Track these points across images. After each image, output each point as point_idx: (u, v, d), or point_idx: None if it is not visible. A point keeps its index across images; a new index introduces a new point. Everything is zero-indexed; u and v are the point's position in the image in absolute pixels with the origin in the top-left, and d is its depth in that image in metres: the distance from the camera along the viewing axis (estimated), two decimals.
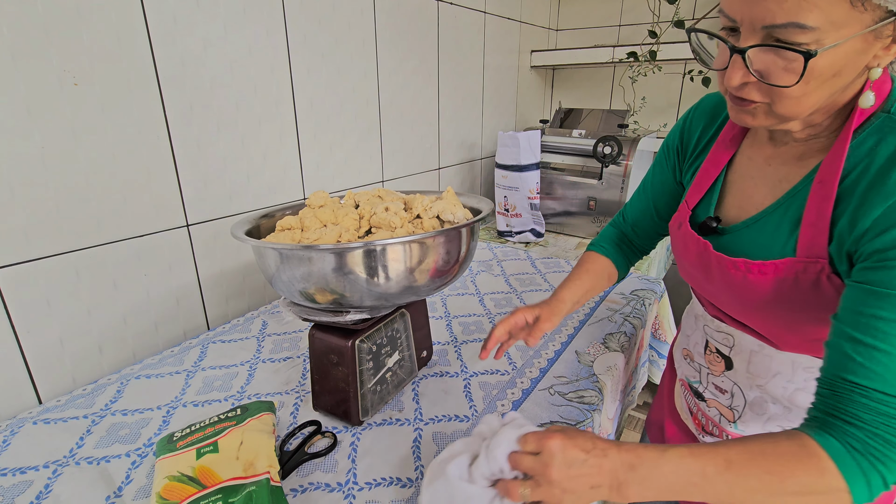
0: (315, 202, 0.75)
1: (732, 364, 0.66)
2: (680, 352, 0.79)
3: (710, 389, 0.71)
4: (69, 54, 0.74)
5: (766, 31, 0.44)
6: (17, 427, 0.70)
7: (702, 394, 0.73)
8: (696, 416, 0.76)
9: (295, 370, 0.85)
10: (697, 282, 0.67)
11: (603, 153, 1.49)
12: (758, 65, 0.46)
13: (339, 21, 1.16)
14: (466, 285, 1.21)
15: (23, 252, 0.74)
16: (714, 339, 0.68)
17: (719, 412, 0.70)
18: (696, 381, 0.74)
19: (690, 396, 0.76)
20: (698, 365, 0.73)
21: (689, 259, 0.66)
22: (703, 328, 0.70)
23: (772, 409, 0.64)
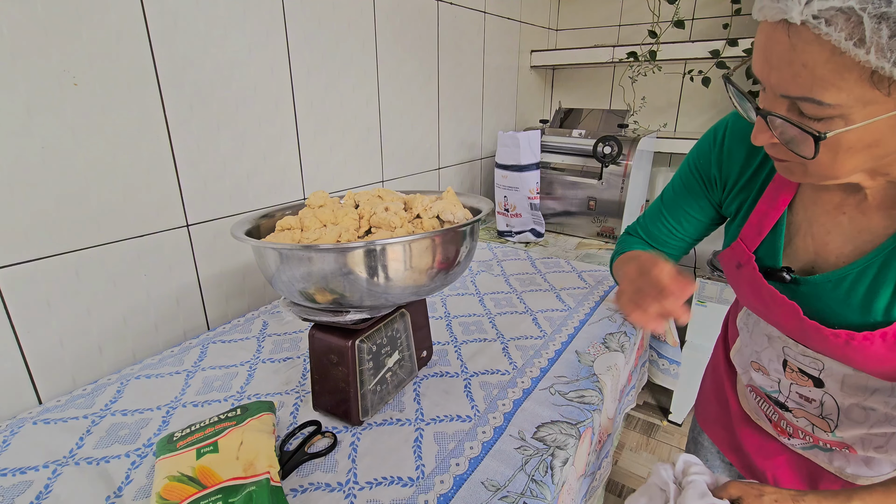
0: (315, 202, 0.74)
1: (823, 384, 0.61)
2: (745, 362, 0.74)
3: (794, 399, 0.66)
4: (69, 54, 0.74)
5: (787, 101, 0.41)
6: (16, 427, 0.70)
7: (784, 404, 0.67)
8: (777, 423, 0.71)
9: (295, 370, 0.85)
10: (771, 320, 0.63)
11: (603, 153, 1.49)
12: (779, 130, 0.44)
13: (339, 21, 1.16)
14: (466, 285, 1.21)
15: (23, 252, 0.74)
16: (797, 360, 0.63)
17: (810, 423, 0.65)
18: (774, 391, 0.68)
19: (768, 404, 0.71)
20: (776, 378, 0.67)
21: (758, 300, 0.62)
22: (783, 349, 0.65)
23: (872, 415, 0.59)
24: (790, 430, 0.69)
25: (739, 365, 0.77)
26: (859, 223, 0.53)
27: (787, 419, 0.69)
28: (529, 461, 0.64)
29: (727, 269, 0.67)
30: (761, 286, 0.59)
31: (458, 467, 0.63)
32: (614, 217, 1.55)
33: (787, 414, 0.68)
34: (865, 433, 0.61)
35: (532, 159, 1.50)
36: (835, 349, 0.55)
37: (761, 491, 0.52)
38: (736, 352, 0.79)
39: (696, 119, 2.05)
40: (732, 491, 0.54)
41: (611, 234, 1.58)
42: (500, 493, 0.59)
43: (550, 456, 0.65)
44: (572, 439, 0.69)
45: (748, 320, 0.73)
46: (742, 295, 0.66)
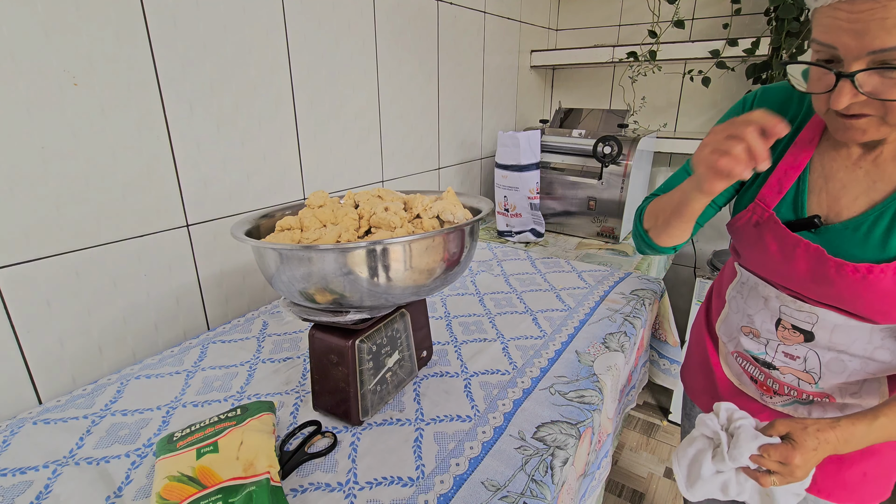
0: (314, 202, 0.74)
1: (814, 337, 0.69)
2: (735, 329, 0.80)
3: (780, 358, 0.74)
4: (69, 54, 0.74)
5: (871, 56, 0.48)
6: (16, 427, 0.70)
7: (771, 363, 0.75)
8: (762, 383, 0.78)
9: (295, 370, 0.85)
10: (780, 274, 0.69)
11: (603, 153, 1.49)
12: (867, 87, 0.49)
13: (339, 21, 1.16)
14: (466, 285, 1.21)
15: (23, 252, 0.74)
16: (793, 317, 0.70)
17: (796, 377, 0.73)
18: (761, 352, 0.76)
19: (753, 366, 0.79)
20: (765, 340, 0.75)
21: (770, 255, 0.68)
22: (779, 308, 0.72)
23: (850, 365, 0.68)
24: (776, 386, 0.76)
25: (725, 334, 0.84)
26: (874, 175, 0.60)
27: (774, 377, 0.76)
28: (529, 461, 0.64)
29: (741, 232, 0.72)
30: (785, 237, 0.65)
31: (458, 467, 0.63)
32: (614, 217, 1.55)
33: (774, 372, 0.75)
34: (843, 382, 0.69)
35: (532, 159, 1.50)
36: (849, 286, 0.61)
37: (804, 424, 0.60)
38: (722, 322, 0.85)
39: (696, 119, 2.05)
40: (780, 428, 0.61)
41: (611, 234, 1.58)
42: (500, 493, 0.59)
43: (550, 456, 0.65)
44: (572, 439, 0.69)
45: (742, 288, 0.79)
46: (755, 255, 0.72)
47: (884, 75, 0.48)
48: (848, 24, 0.48)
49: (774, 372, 0.75)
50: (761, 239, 0.69)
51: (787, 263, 0.67)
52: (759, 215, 0.69)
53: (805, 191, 0.66)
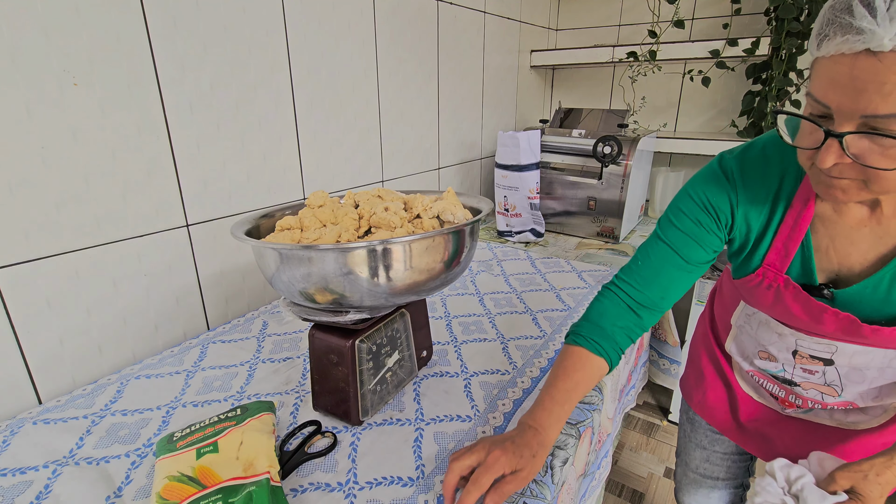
0: (314, 202, 0.74)
1: (833, 363, 0.69)
2: (750, 353, 0.80)
3: (799, 374, 0.73)
4: (69, 54, 0.74)
5: (863, 120, 0.46)
6: (16, 427, 0.70)
7: (791, 380, 0.75)
8: (784, 399, 0.78)
9: (295, 370, 0.85)
10: (806, 328, 0.68)
11: (603, 153, 1.49)
12: (854, 149, 0.48)
13: (339, 21, 1.16)
14: (466, 285, 1.21)
15: (23, 252, 0.74)
16: (810, 349, 0.70)
17: (819, 392, 0.73)
18: (779, 370, 0.76)
19: (772, 384, 0.79)
20: (783, 363, 0.75)
21: (792, 316, 0.68)
22: (795, 342, 0.71)
23: (868, 374, 0.68)
24: (799, 402, 0.76)
25: (738, 354, 0.83)
26: (878, 232, 0.60)
27: (797, 392, 0.75)
28: None
29: (755, 292, 0.70)
30: (809, 302, 0.64)
31: None
32: (614, 217, 1.55)
33: (796, 388, 0.75)
34: (865, 389, 0.70)
35: (532, 159, 1.50)
36: (883, 341, 0.61)
37: (863, 472, 0.59)
38: (733, 344, 0.84)
39: (695, 119, 2.05)
40: (843, 483, 0.60)
41: (611, 233, 1.58)
42: None
43: (550, 456, 0.65)
44: (572, 439, 0.69)
45: (750, 320, 0.77)
46: (775, 311, 0.71)
47: (872, 140, 0.47)
48: (846, 81, 0.46)
49: (796, 388, 0.75)
50: (781, 301, 0.67)
51: (815, 323, 0.66)
52: (771, 280, 0.67)
53: (811, 253, 0.64)
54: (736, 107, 1.90)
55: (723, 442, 0.93)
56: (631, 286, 0.73)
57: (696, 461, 0.98)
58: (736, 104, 1.90)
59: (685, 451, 1.00)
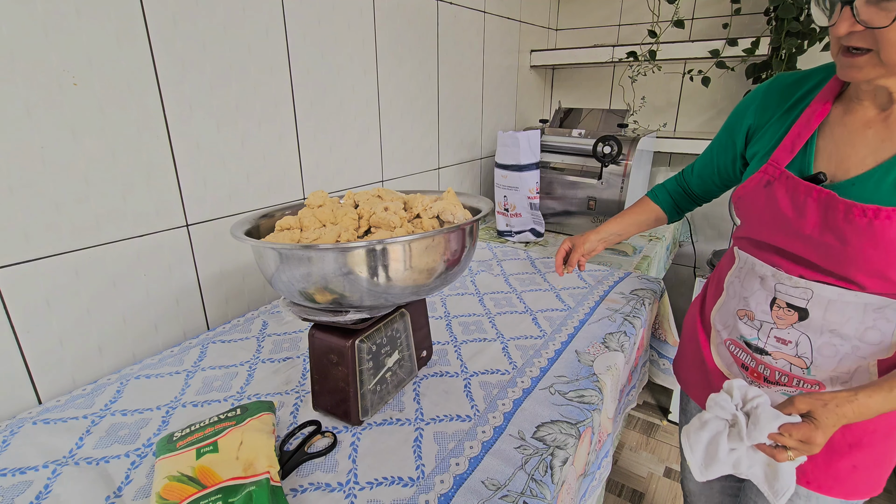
0: (314, 202, 0.74)
1: (808, 314, 0.71)
2: (731, 315, 0.83)
3: (772, 343, 0.76)
4: (69, 54, 0.74)
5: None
6: (16, 427, 0.70)
7: (763, 348, 0.77)
8: (754, 370, 0.79)
9: (295, 370, 0.85)
10: (787, 237, 0.72)
11: (602, 153, 1.49)
12: (863, 15, 0.56)
13: (339, 21, 1.16)
14: (466, 285, 1.21)
15: (22, 252, 0.74)
16: (789, 294, 0.73)
17: (788, 363, 0.75)
18: (754, 337, 0.78)
19: (745, 353, 0.80)
20: (759, 322, 0.77)
21: (778, 216, 0.71)
22: (775, 287, 0.74)
23: (841, 349, 0.70)
24: (767, 372, 0.77)
25: (720, 321, 0.87)
26: (883, 135, 0.65)
27: (766, 362, 0.77)
28: (529, 461, 0.64)
29: (749, 197, 0.76)
30: (797, 188, 0.69)
31: (458, 467, 0.63)
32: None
33: (766, 357, 0.77)
34: (834, 370, 0.71)
35: (532, 159, 1.50)
36: (856, 233, 0.63)
37: (823, 400, 0.62)
38: (718, 309, 0.88)
39: (695, 119, 2.05)
40: (801, 406, 0.63)
41: None
42: (500, 493, 0.59)
43: (550, 455, 0.65)
44: (572, 439, 0.69)
45: (739, 273, 0.83)
46: (763, 217, 0.75)
47: (879, 6, 0.55)
48: None
49: (766, 357, 0.77)
50: (771, 198, 0.72)
51: (798, 219, 0.69)
52: (770, 174, 0.73)
53: (812, 151, 0.70)
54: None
55: None
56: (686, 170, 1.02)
57: None
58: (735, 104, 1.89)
59: None
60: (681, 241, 2.01)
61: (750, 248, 0.80)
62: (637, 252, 1.49)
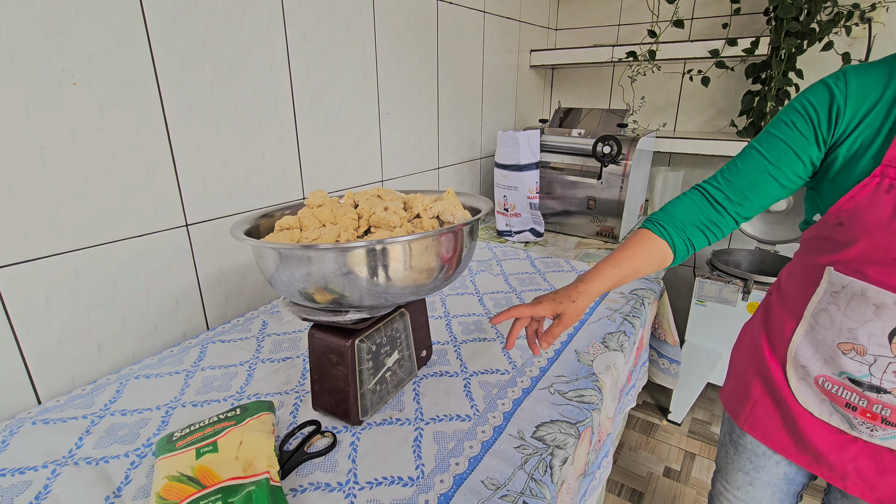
0: (313, 202, 0.74)
1: None
2: (829, 348, 0.70)
3: (890, 378, 0.65)
4: (68, 54, 0.74)
5: None
6: (16, 427, 0.70)
7: (879, 386, 0.66)
8: (866, 410, 0.68)
9: (294, 370, 0.85)
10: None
11: (602, 153, 1.49)
12: None
13: (339, 21, 1.16)
14: (466, 285, 1.21)
15: (22, 252, 0.74)
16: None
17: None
18: (865, 374, 0.67)
19: (850, 392, 0.69)
20: (873, 357, 0.66)
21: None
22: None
23: None
24: (887, 413, 0.66)
25: (809, 356, 0.73)
26: None
27: (885, 402, 0.66)
28: (529, 460, 0.64)
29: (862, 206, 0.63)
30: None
31: (457, 467, 0.63)
32: (614, 217, 1.55)
33: (885, 396, 0.66)
34: None
35: (531, 159, 1.50)
36: None
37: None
38: (802, 340, 0.74)
39: (695, 119, 2.05)
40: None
41: (610, 233, 1.58)
42: (500, 492, 0.59)
43: (550, 455, 0.65)
44: (571, 439, 0.69)
45: (837, 298, 0.68)
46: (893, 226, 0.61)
47: None
48: None
49: (885, 396, 0.65)
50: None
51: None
52: (892, 178, 0.60)
53: None
54: (735, 106, 1.90)
55: (768, 470, 0.84)
56: (714, 184, 0.74)
57: (737, 482, 0.88)
58: (735, 104, 1.90)
59: (726, 470, 0.91)
60: None
61: (858, 269, 0.65)
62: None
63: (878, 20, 1.57)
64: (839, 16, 1.55)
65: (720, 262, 1.80)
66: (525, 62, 2.09)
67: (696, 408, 2.02)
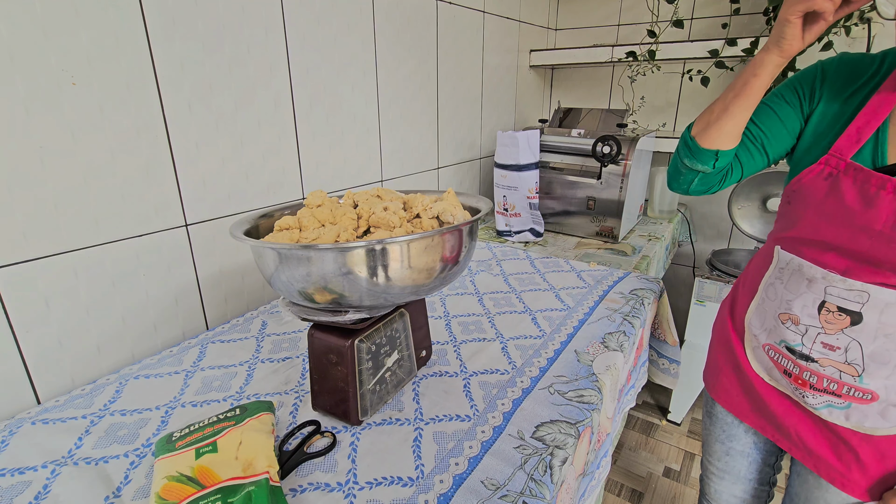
0: (313, 202, 0.74)
1: (862, 318, 0.66)
2: (771, 318, 0.77)
3: (818, 349, 0.71)
4: (67, 54, 0.74)
5: None
6: (15, 427, 0.70)
7: (808, 355, 0.72)
8: (798, 376, 0.75)
9: (294, 370, 0.85)
10: (851, 233, 0.66)
11: (602, 153, 1.49)
12: None
13: (338, 21, 1.16)
14: (465, 285, 1.21)
15: (21, 252, 0.74)
16: (842, 297, 0.67)
17: (838, 370, 0.70)
18: (798, 343, 0.73)
19: (787, 359, 0.76)
20: (805, 327, 0.72)
21: (841, 210, 0.66)
22: (825, 290, 0.69)
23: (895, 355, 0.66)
24: (814, 379, 0.72)
25: (757, 325, 0.81)
26: None
27: (812, 369, 0.72)
28: (528, 460, 0.64)
29: (806, 189, 0.71)
30: (868, 180, 0.64)
31: (457, 467, 0.63)
32: (613, 217, 1.55)
33: (812, 364, 0.72)
34: (888, 377, 0.66)
35: (531, 159, 1.50)
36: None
37: None
38: (753, 312, 0.82)
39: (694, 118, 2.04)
40: None
41: (609, 233, 1.58)
42: (499, 492, 0.59)
43: (549, 455, 0.65)
44: (571, 439, 0.69)
45: (781, 274, 0.76)
46: (823, 210, 0.69)
47: None
48: None
49: (812, 364, 0.72)
50: (835, 191, 0.67)
51: (866, 211, 0.64)
52: (833, 166, 0.68)
53: (885, 140, 0.65)
54: None
55: (739, 439, 0.92)
56: None
57: (716, 454, 0.97)
58: None
59: (707, 443, 1.00)
60: (680, 240, 2.01)
61: (797, 248, 0.73)
62: (636, 252, 1.49)
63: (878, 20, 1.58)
64: None
65: (720, 262, 1.80)
66: (525, 62, 2.09)
67: (696, 408, 2.02)
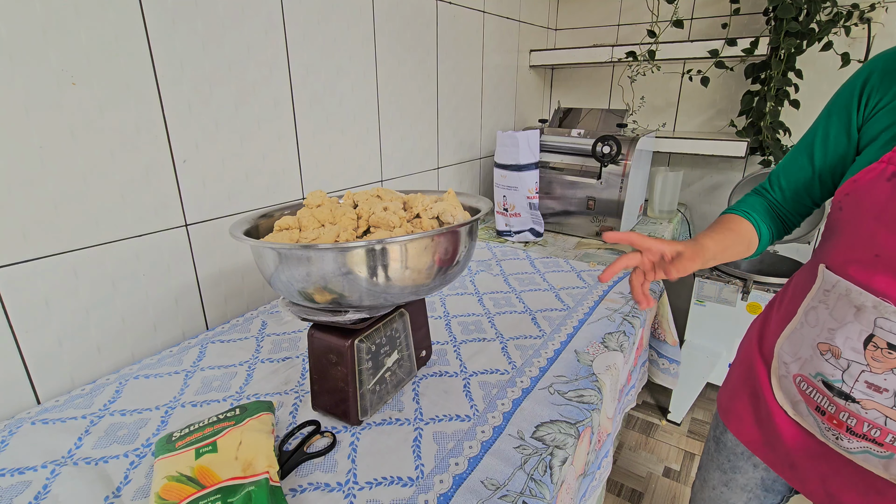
0: (312, 202, 0.74)
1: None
2: (808, 346, 0.68)
3: (860, 388, 0.61)
4: (67, 54, 0.74)
5: None
6: (15, 427, 0.70)
7: (849, 394, 0.63)
8: (833, 416, 0.65)
9: (294, 370, 0.85)
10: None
11: (602, 153, 1.49)
12: None
13: (338, 20, 1.16)
14: (465, 285, 1.21)
15: (21, 252, 0.73)
16: (893, 332, 0.58)
17: (883, 415, 0.60)
18: (837, 380, 0.64)
19: (822, 395, 0.66)
20: (846, 362, 0.63)
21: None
22: (874, 321, 0.60)
23: None
24: (852, 422, 0.63)
25: (790, 352, 0.72)
26: None
27: (852, 411, 0.63)
28: (528, 460, 0.64)
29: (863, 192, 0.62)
30: None
31: (457, 467, 0.63)
32: (613, 217, 1.55)
33: (853, 405, 0.63)
34: None
35: (531, 159, 1.50)
36: None
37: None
38: (787, 337, 0.72)
39: (694, 119, 2.05)
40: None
41: None
42: (499, 492, 0.59)
43: (549, 455, 0.65)
44: (571, 439, 0.69)
45: (826, 297, 0.67)
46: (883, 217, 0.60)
47: None
48: None
49: (853, 405, 0.62)
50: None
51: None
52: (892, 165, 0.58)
53: None
54: (735, 106, 1.90)
55: (745, 472, 0.83)
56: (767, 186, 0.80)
57: (713, 481, 0.88)
58: (735, 104, 1.90)
59: (704, 466, 0.91)
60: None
61: (845, 268, 0.63)
62: None
63: (878, 20, 1.58)
64: (838, 16, 1.55)
65: None
66: (525, 62, 2.09)
67: (696, 408, 2.02)
